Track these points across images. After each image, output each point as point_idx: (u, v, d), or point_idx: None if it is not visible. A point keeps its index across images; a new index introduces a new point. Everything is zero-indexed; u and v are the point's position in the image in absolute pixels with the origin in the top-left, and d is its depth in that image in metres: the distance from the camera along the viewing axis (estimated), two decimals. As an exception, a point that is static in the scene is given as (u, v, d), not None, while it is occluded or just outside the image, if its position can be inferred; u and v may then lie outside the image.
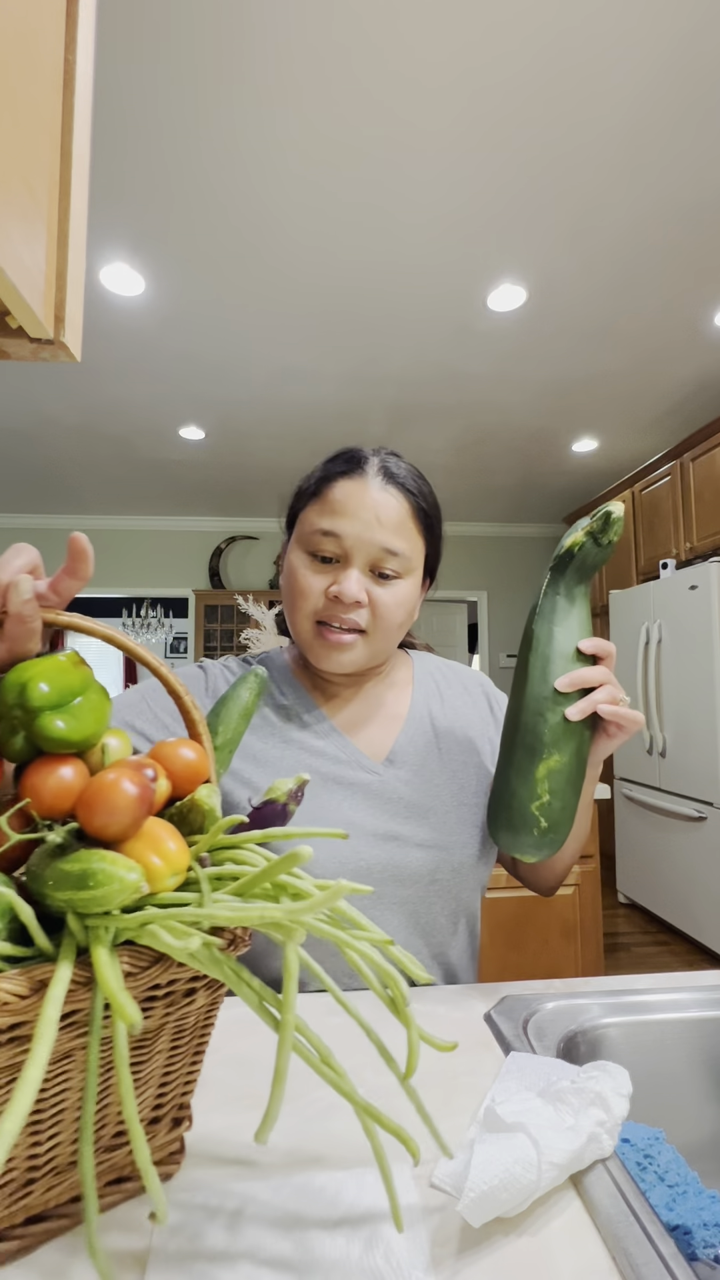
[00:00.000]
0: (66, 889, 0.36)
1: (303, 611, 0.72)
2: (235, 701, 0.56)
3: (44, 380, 3.14)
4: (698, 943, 2.99)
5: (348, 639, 0.71)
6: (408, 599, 0.73)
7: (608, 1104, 0.44)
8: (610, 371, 3.14)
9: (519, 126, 1.80)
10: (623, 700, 0.63)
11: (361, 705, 0.80)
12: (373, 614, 0.71)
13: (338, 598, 0.69)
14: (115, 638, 0.46)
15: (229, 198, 2.04)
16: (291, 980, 0.36)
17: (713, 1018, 0.63)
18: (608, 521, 0.62)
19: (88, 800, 0.38)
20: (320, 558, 0.71)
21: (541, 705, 0.63)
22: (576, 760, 0.64)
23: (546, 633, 0.64)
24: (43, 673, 0.42)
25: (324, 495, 0.72)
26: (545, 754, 0.63)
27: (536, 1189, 0.39)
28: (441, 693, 0.84)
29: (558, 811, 0.63)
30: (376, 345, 2.89)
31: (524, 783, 0.64)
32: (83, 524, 5.41)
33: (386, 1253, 0.36)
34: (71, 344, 0.49)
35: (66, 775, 0.41)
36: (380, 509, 0.70)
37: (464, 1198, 0.37)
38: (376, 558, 0.71)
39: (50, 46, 0.45)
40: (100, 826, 0.38)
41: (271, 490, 4.83)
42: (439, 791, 0.76)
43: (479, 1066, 0.55)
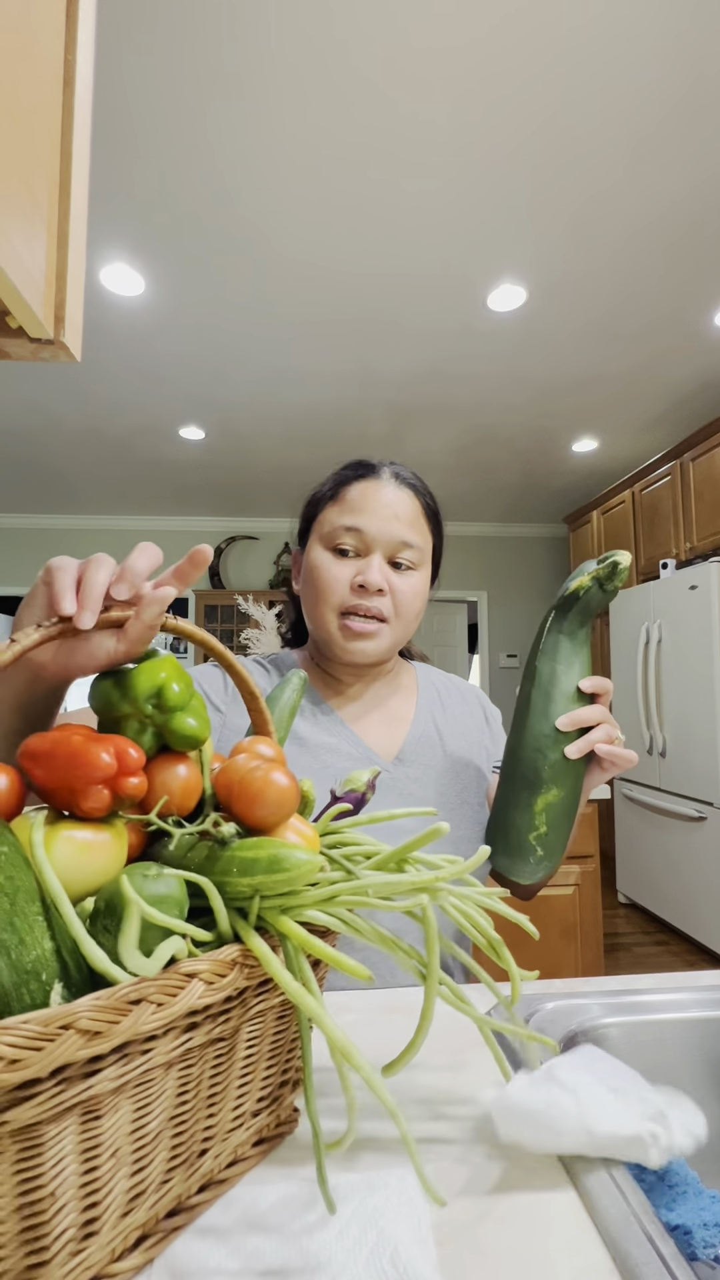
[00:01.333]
0: (257, 874, 0.39)
1: (328, 604, 0.76)
2: (284, 703, 0.62)
3: (44, 380, 3.13)
4: (698, 943, 2.99)
5: (372, 627, 0.75)
6: (422, 589, 0.79)
7: (669, 1126, 0.42)
8: (610, 371, 3.14)
9: (520, 126, 1.80)
10: (618, 739, 0.66)
11: (370, 706, 0.83)
12: (394, 602, 0.76)
13: (363, 585, 0.74)
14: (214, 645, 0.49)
15: (229, 197, 2.04)
16: (433, 937, 0.42)
17: (713, 1018, 0.63)
18: (614, 570, 0.64)
19: (251, 794, 0.42)
20: (341, 551, 0.76)
21: (542, 742, 0.66)
22: (573, 794, 0.67)
23: (549, 671, 0.67)
24: (174, 673, 0.44)
25: (342, 496, 0.78)
26: (544, 789, 0.66)
27: (560, 1141, 0.40)
28: (442, 700, 0.89)
29: (553, 841, 0.67)
30: (377, 345, 2.89)
31: (523, 815, 0.67)
32: (83, 524, 5.41)
33: (393, 1256, 0.36)
34: (71, 344, 0.49)
35: (188, 772, 0.44)
36: (396, 505, 0.76)
37: (499, 1102, 0.39)
38: (395, 549, 0.76)
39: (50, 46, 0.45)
40: (263, 818, 0.42)
41: (271, 490, 4.83)
42: (444, 790, 0.80)
43: (479, 1066, 0.55)
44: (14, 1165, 0.30)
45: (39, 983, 0.33)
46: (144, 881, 0.36)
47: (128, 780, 0.39)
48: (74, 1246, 0.33)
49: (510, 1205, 0.40)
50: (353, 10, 1.48)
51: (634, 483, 3.89)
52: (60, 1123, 0.31)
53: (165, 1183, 0.38)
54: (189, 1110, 0.39)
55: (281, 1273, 0.36)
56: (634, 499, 3.90)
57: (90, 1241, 0.34)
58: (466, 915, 0.46)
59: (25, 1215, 0.31)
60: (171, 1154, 0.38)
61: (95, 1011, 0.30)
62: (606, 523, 4.26)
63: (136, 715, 0.43)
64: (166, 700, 0.43)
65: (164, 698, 0.43)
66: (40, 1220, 0.31)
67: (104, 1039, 0.30)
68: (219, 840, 0.41)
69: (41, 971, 0.33)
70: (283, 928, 0.40)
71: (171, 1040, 0.35)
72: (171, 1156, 0.38)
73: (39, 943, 0.33)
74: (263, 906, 0.40)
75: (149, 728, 0.44)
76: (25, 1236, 0.31)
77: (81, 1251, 0.33)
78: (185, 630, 0.47)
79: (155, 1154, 0.37)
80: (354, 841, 0.49)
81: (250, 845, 0.40)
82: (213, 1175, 0.42)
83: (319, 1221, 0.39)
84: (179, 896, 0.37)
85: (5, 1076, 0.27)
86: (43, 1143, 0.30)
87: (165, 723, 0.43)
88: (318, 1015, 0.37)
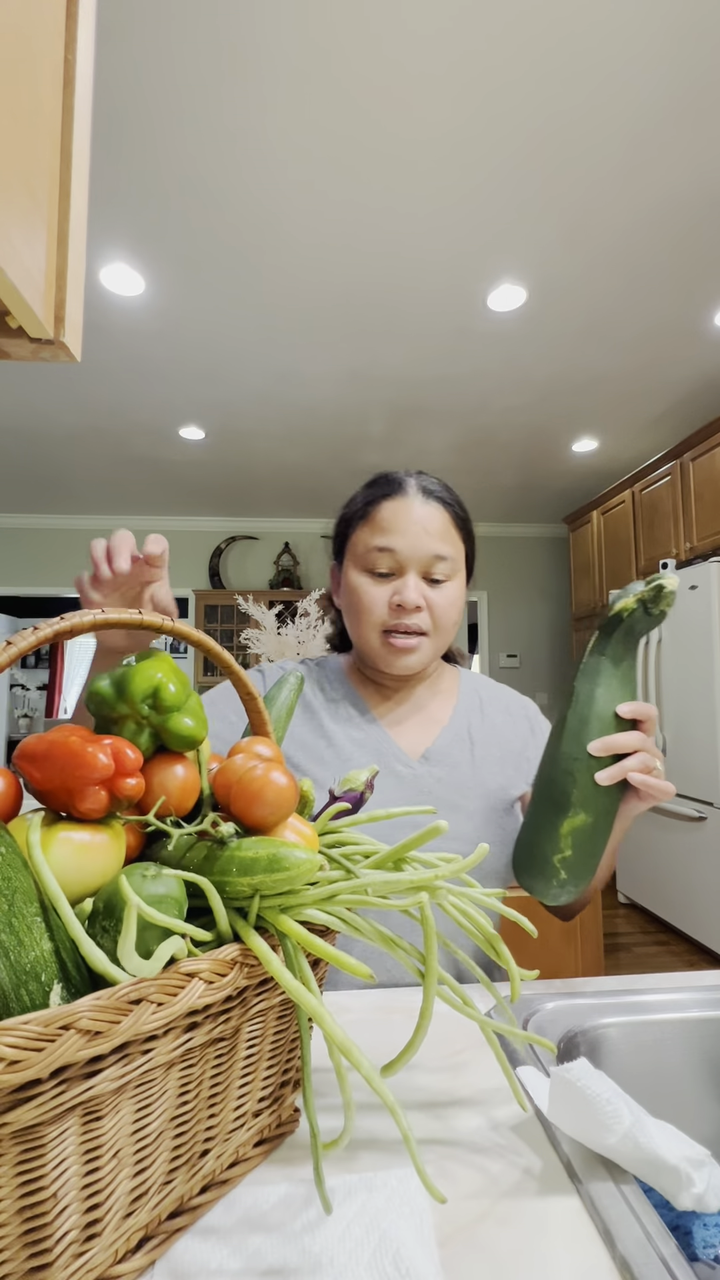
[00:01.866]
0: (257, 873, 0.39)
1: (369, 624, 0.79)
2: (280, 703, 0.63)
3: (44, 380, 3.13)
4: (698, 943, 2.99)
5: (413, 642, 0.78)
6: (458, 598, 0.81)
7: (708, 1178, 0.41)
8: (610, 371, 3.14)
9: (520, 126, 1.80)
10: (656, 768, 0.63)
11: (406, 707, 0.86)
12: (431, 616, 0.78)
13: (401, 606, 0.77)
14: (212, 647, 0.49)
15: (229, 198, 2.04)
16: (432, 935, 0.43)
17: (713, 1018, 0.63)
18: (659, 594, 0.62)
19: (250, 794, 0.42)
20: (378, 573, 0.78)
21: (573, 765, 0.64)
22: (604, 819, 0.64)
23: (587, 693, 0.65)
24: (170, 674, 0.43)
25: (372, 517, 0.80)
26: (572, 812, 0.64)
27: (604, 1140, 0.40)
28: (484, 708, 0.89)
29: (579, 865, 0.65)
30: (377, 345, 2.89)
31: (549, 836, 0.65)
32: (83, 524, 5.41)
33: (395, 1257, 0.36)
34: (71, 344, 0.48)
35: (185, 773, 0.44)
36: (426, 521, 0.78)
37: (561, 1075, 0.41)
38: (428, 564, 0.78)
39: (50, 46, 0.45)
40: (262, 818, 0.42)
41: (271, 490, 4.83)
42: (468, 793, 0.81)
43: (479, 1066, 0.55)
44: (15, 1167, 0.30)
45: (38, 983, 0.33)
46: (143, 882, 0.36)
47: (125, 781, 0.39)
48: (76, 1248, 0.33)
49: (511, 1205, 0.40)
50: (353, 12, 1.48)
51: (634, 483, 3.89)
52: (61, 1124, 0.31)
53: (167, 1184, 0.38)
54: (190, 1110, 0.39)
55: (283, 1273, 0.36)
56: (634, 499, 3.90)
57: (93, 1243, 0.34)
58: (465, 914, 0.46)
59: (27, 1217, 0.31)
60: (173, 1154, 0.38)
61: (95, 1012, 0.30)
62: (606, 523, 4.26)
63: (133, 716, 0.43)
64: (163, 700, 0.42)
65: (160, 698, 0.42)
66: (42, 1222, 0.31)
67: (104, 1039, 0.30)
68: (218, 840, 0.41)
69: (41, 972, 0.33)
70: (283, 926, 0.40)
71: (172, 1040, 0.35)
72: (174, 1157, 0.38)
73: (37, 944, 0.33)
74: (262, 906, 0.40)
75: (145, 728, 0.43)
76: (27, 1239, 0.31)
77: (84, 1253, 0.33)
78: (183, 633, 0.47)
79: (157, 1154, 0.37)
80: (352, 841, 0.50)
81: (249, 845, 0.40)
82: (214, 1176, 0.42)
83: (321, 1222, 0.39)
84: (178, 896, 0.37)
85: (6, 1078, 0.27)
86: (44, 1144, 0.30)
87: (162, 723, 0.43)
88: (318, 1013, 0.37)
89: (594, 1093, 0.41)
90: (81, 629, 0.41)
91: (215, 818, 0.42)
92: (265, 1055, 0.45)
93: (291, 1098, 0.49)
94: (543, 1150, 0.45)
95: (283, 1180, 0.43)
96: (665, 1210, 0.49)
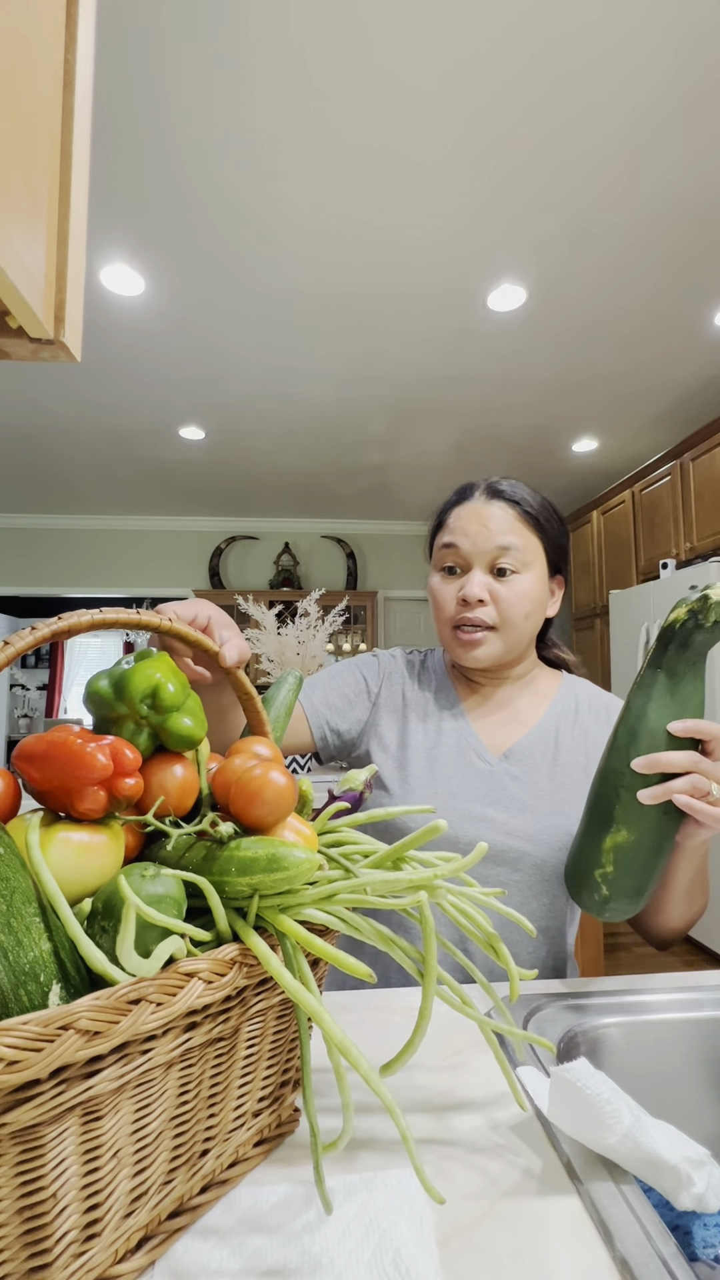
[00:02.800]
0: (255, 873, 0.39)
1: (441, 620, 0.83)
2: (279, 703, 0.63)
3: (44, 380, 3.13)
4: (698, 943, 2.99)
5: (479, 635, 0.80)
6: (529, 591, 0.81)
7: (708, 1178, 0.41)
8: (610, 371, 3.14)
9: (519, 126, 1.80)
10: (711, 794, 0.59)
11: (495, 704, 0.88)
12: (498, 609, 0.80)
13: (464, 600, 0.80)
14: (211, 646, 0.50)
15: (229, 198, 2.04)
16: (431, 934, 0.42)
17: (713, 1018, 0.63)
18: (706, 604, 0.59)
19: (249, 794, 0.42)
20: (448, 570, 0.83)
21: (617, 780, 0.62)
22: (651, 839, 0.62)
23: (640, 706, 0.62)
24: (169, 673, 0.43)
25: (444, 522, 0.85)
26: (614, 828, 0.62)
27: (604, 1139, 0.40)
28: (578, 714, 0.89)
29: (621, 883, 0.63)
30: (377, 345, 2.89)
31: (592, 848, 0.64)
32: (83, 524, 5.41)
33: (395, 1257, 0.36)
34: (71, 344, 0.48)
35: (184, 772, 0.44)
36: (488, 519, 0.81)
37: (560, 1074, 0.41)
38: (493, 557, 0.80)
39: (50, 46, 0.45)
40: (260, 817, 0.42)
41: (271, 490, 4.83)
42: (540, 794, 0.81)
43: (479, 1066, 0.55)
44: (14, 1168, 0.30)
45: (37, 984, 0.32)
46: (142, 882, 0.36)
47: (124, 781, 0.39)
48: (76, 1248, 0.33)
49: (511, 1205, 0.40)
50: (353, 13, 1.48)
51: (634, 483, 3.89)
52: (61, 1124, 0.31)
53: (167, 1183, 0.38)
54: (190, 1110, 0.39)
55: (283, 1274, 0.36)
56: (634, 499, 3.90)
57: (93, 1243, 0.34)
58: (465, 913, 0.46)
59: (27, 1218, 0.31)
60: (173, 1154, 0.38)
61: (95, 1012, 0.30)
62: (606, 523, 4.26)
63: (132, 716, 0.43)
64: (162, 700, 0.42)
65: (159, 698, 0.42)
66: (42, 1222, 0.31)
67: (104, 1039, 0.30)
68: (217, 840, 0.41)
69: (39, 973, 0.33)
70: (282, 926, 0.40)
71: (171, 1040, 0.35)
72: (173, 1157, 0.38)
73: (36, 944, 0.33)
74: (262, 906, 0.40)
75: (144, 728, 0.43)
76: (27, 1239, 0.31)
77: (84, 1253, 0.33)
78: (181, 632, 0.48)
79: (157, 1154, 0.37)
80: (352, 840, 0.50)
81: (249, 844, 0.40)
82: (214, 1175, 0.42)
83: (321, 1223, 0.39)
84: (177, 896, 0.37)
85: (5, 1078, 0.27)
86: (43, 1144, 0.30)
87: (161, 723, 0.43)
88: (317, 1013, 0.37)
89: (594, 1093, 0.41)
90: (79, 629, 0.41)
91: (214, 817, 0.42)
92: (265, 1055, 0.45)
93: (291, 1097, 0.49)
94: (543, 1150, 0.45)
95: (283, 1180, 0.43)
96: (665, 1210, 0.49)
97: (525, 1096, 0.50)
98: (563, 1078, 0.42)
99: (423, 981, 0.43)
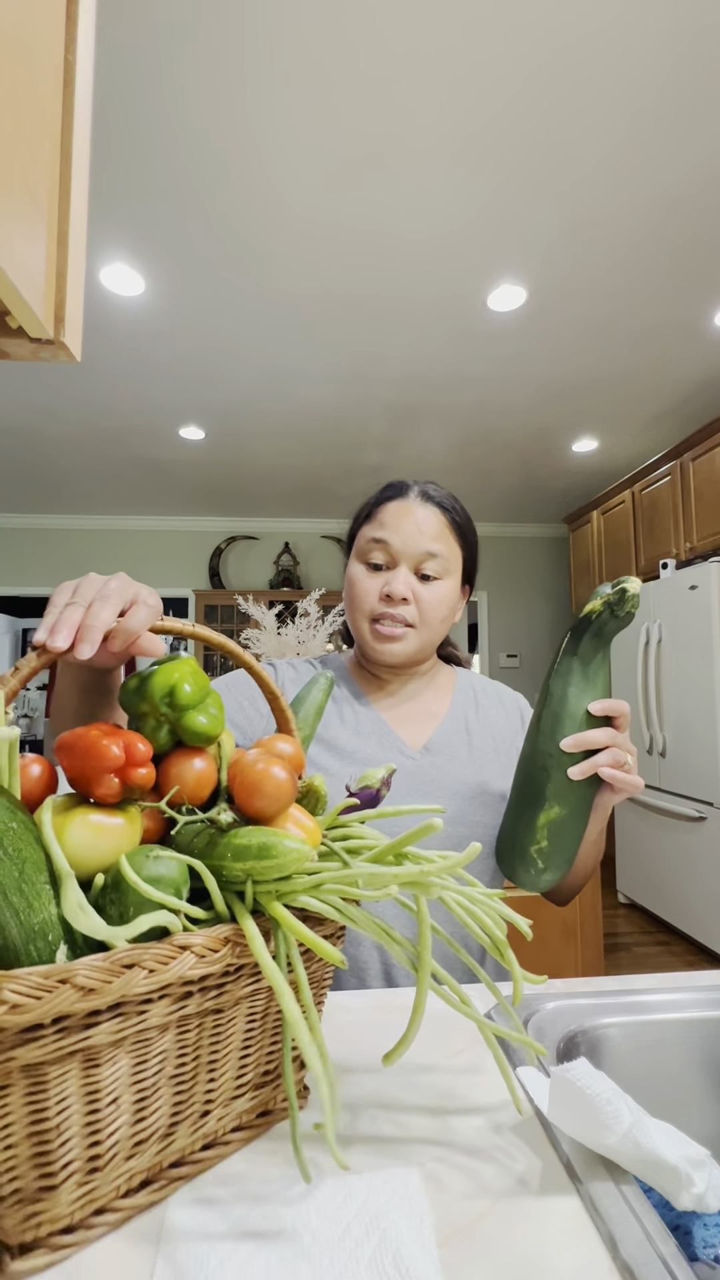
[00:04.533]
0: (248, 859, 0.42)
1: (361, 612, 0.84)
2: (310, 702, 0.66)
3: (44, 380, 3.13)
4: (698, 943, 2.99)
5: (399, 631, 0.83)
6: (447, 596, 0.85)
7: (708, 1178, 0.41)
8: (610, 371, 3.14)
9: (519, 126, 1.79)
10: (626, 763, 0.66)
11: (406, 701, 0.91)
12: (419, 610, 0.83)
13: (389, 595, 0.82)
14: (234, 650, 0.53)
15: (229, 198, 2.04)
16: (425, 929, 0.44)
17: (713, 1018, 0.63)
18: (622, 597, 0.65)
19: (250, 786, 0.45)
20: (373, 565, 0.84)
21: (547, 761, 0.67)
22: (577, 812, 0.68)
23: (560, 692, 0.68)
24: (187, 675, 0.48)
25: (375, 516, 0.86)
26: (546, 806, 0.67)
27: (604, 1139, 0.40)
28: (478, 702, 0.94)
29: (555, 855, 0.69)
30: (377, 345, 2.89)
31: (526, 828, 0.69)
32: (83, 524, 5.41)
33: (395, 1257, 0.36)
34: (71, 344, 0.49)
35: (203, 765, 0.48)
36: (421, 521, 0.83)
37: (561, 1074, 0.41)
38: (419, 560, 0.83)
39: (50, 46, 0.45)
40: (261, 808, 0.45)
41: (271, 490, 4.83)
42: (464, 779, 0.86)
43: (480, 1066, 0.55)
44: (24, 1098, 0.34)
45: (45, 942, 0.37)
46: (144, 861, 0.40)
47: (136, 770, 0.43)
48: (80, 1178, 0.38)
49: (511, 1205, 0.40)
50: (353, 12, 1.48)
51: (634, 483, 3.89)
52: (63, 1066, 0.35)
53: (168, 1135, 0.42)
54: (188, 1071, 0.42)
55: (284, 1274, 0.36)
56: (634, 499, 3.90)
57: (95, 1176, 0.38)
58: (473, 915, 0.47)
59: (35, 1143, 0.36)
60: (174, 1109, 0.42)
61: (91, 970, 0.34)
62: (606, 523, 4.26)
63: (153, 713, 0.47)
64: (178, 699, 0.47)
65: (176, 697, 0.47)
66: (47, 1149, 0.36)
67: (98, 995, 0.34)
68: (219, 828, 0.44)
69: (48, 933, 0.37)
70: (272, 910, 0.42)
71: (166, 1005, 0.39)
72: (174, 1112, 0.42)
73: (45, 908, 0.37)
74: (260, 891, 0.42)
75: (164, 724, 0.48)
76: (35, 1161, 0.36)
77: (88, 1184, 0.38)
78: (203, 635, 0.52)
79: (158, 1106, 0.41)
80: (358, 836, 0.51)
81: (245, 833, 0.43)
82: (216, 1136, 0.45)
83: (322, 1223, 0.39)
84: (176, 877, 0.41)
85: (9, 1018, 0.31)
86: (47, 1082, 0.35)
87: (177, 720, 0.47)
88: (279, 989, 0.39)
89: (594, 1093, 0.41)
90: None
91: (223, 807, 0.45)
92: (269, 1030, 0.47)
93: (300, 1075, 0.50)
94: (543, 1150, 0.45)
95: (286, 1169, 0.43)
96: (665, 1210, 0.49)
97: (525, 1098, 0.50)
98: (563, 1078, 0.42)
99: (417, 974, 0.44)
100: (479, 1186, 0.42)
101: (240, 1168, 0.44)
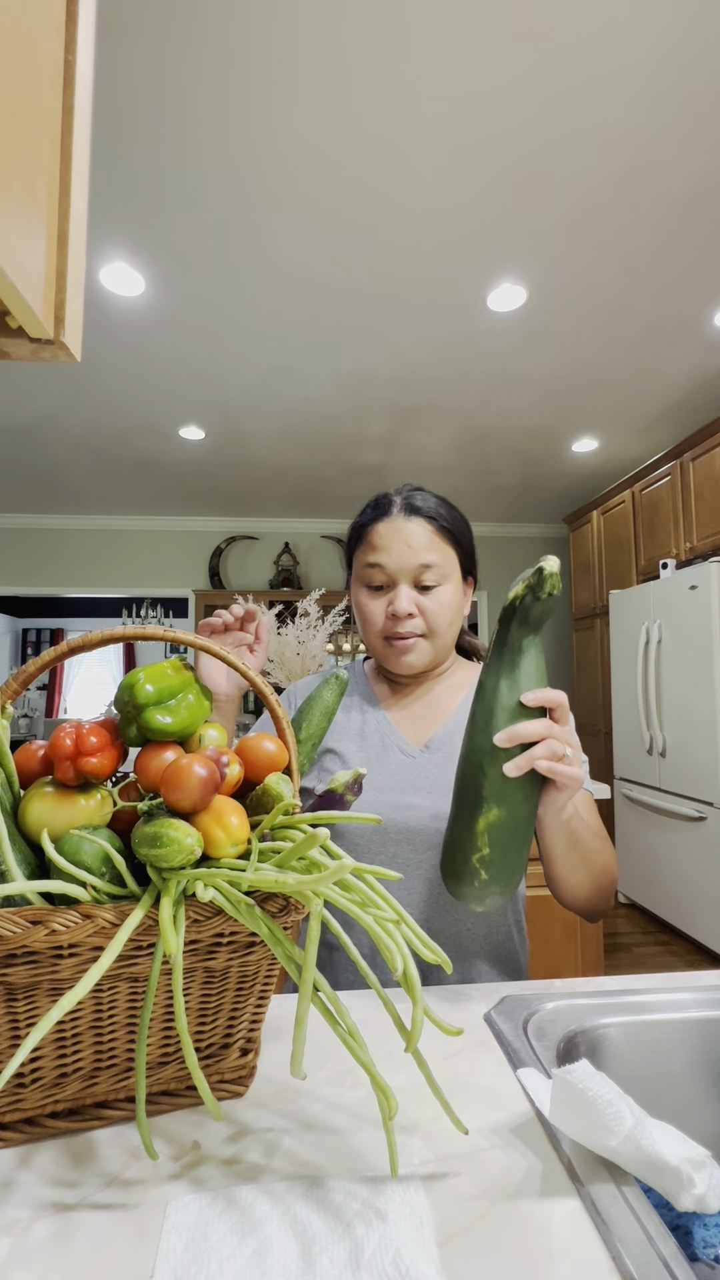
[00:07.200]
0: (145, 846, 0.46)
1: (372, 633, 0.89)
2: (319, 702, 0.67)
3: (44, 380, 3.13)
4: (698, 943, 2.99)
5: (410, 643, 0.87)
6: (451, 600, 0.88)
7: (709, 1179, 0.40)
8: (610, 371, 3.14)
9: (518, 126, 1.79)
10: (565, 755, 0.62)
11: (417, 702, 0.94)
12: (425, 620, 0.86)
13: (394, 615, 0.86)
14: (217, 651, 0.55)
15: (229, 198, 2.04)
16: (312, 944, 0.44)
17: (713, 1018, 0.63)
18: (541, 576, 0.61)
19: (166, 779, 0.48)
20: (374, 587, 0.88)
21: (481, 759, 0.63)
22: (522, 814, 0.63)
23: (493, 685, 0.64)
24: (150, 676, 0.52)
25: (365, 539, 0.90)
26: (485, 808, 0.62)
27: (605, 1141, 0.40)
28: None
29: (499, 865, 0.63)
30: (377, 345, 2.89)
31: (466, 833, 0.64)
32: (83, 524, 5.41)
33: (396, 1257, 0.36)
34: (71, 344, 0.48)
35: (172, 759, 0.50)
36: (409, 537, 0.86)
37: (562, 1076, 0.42)
38: (415, 574, 0.86)
39: (50, 46, 0.45)
40: (175, 800, 0.48)
41: (271, 490, 4.83)
42: None
43: (479, 1066, 0.55)
44: None
45: None
46: (77, 839, 0.47)
47: (87, 759, 0.49)
48: (10, 1090, 0.47)
49: (511, 1206, 0.40)
50: (353, 12, 1.48)
51: (634, 483, 3.89)
52: None
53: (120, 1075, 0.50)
54: (105, 1027, 0.48)
55: (284, 1274, 0.35)
56: (634, 499, 3.90)
57: (23, 1091, 0.47)
58: (389, 933, 0.44)
59: None
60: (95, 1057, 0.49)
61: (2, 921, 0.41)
62: (606, 523, 4.26)
63: (123, 710, 0.53)
64: (136, 698, 0.51)
65: (134, 695, 0.51)
66: None
67: (3, 943, 0.41)
68: (146, 814, 0.48)
69: None
70: (166, 890, 0.45)
71: (77, 961, 0.44)
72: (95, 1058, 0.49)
73: None
74: (189, 875, 0.46)
75: (132, 721, 0.52)
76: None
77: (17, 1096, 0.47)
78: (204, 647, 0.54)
79: (77, 1050, 0.48)
80: (290, 839, 0.52)
81: (152, 824, 0.47)
82: (173, 1087, 0.51)
83: (322, 1223, 0.39)
84: (98, 854, 0.47)
85: None
86: None
87: (137, 716, 0.51)
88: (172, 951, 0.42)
89: (595, 1094, 0.41)
90: (93, 643, 0.51)
91: (149, 799, 0.50)
92: (229, 1003, 0.52)
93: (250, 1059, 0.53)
94: (543, 1151, 0.45)
95: (289, 1172, 0.43)
96: (665, 1210, 0.49)
97: (527, 1098, 0.50)
98: (564, 1079, 0.42)
99: (300, 984, 0.43)
100: (479, 1187, 0.42)
101: (236, 1191, 0.44)
